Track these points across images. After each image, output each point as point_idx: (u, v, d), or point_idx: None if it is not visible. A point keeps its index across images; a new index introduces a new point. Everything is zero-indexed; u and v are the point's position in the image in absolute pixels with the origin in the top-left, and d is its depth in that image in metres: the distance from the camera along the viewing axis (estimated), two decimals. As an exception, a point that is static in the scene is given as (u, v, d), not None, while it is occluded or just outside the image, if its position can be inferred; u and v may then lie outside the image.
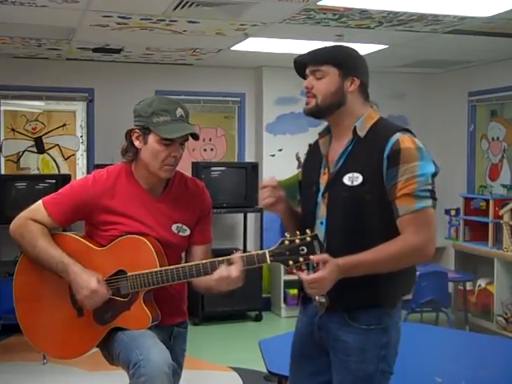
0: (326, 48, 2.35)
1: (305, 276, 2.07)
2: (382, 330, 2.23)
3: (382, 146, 2.17)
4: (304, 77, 2.34)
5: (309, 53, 2.33)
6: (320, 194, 2.30)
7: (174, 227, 2.56)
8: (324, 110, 2.28)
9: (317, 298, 2.27)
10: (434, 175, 2.17)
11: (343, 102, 2.27)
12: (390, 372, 2.27)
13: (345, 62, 2.28)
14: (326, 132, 2.39)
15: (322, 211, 2.29)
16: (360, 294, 2.16)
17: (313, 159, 2.42)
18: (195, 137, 2.49)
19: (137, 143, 2.50)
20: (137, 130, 2.49)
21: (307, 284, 2.07)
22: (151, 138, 2.45)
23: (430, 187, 2.15)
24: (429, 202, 2.14)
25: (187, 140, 2.51)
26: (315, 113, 2.30)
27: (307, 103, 2.30)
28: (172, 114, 2.44)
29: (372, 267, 2.11)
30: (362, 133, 2.25)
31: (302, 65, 2.34)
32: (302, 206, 2.44)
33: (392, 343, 2.26)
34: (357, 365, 2.21)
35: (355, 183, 2.19)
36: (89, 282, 2.40)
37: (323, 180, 2.31)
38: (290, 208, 2.43)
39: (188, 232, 2.59)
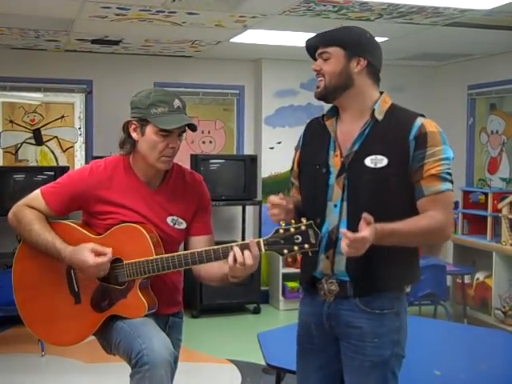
0: (333, 30, 2.33)
1: (349, 234, 2.00)
2: (394, 314, 2.24)
3: (407, 128, 2.19)
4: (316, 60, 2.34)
5: (317, 35, 2.33)
6: (332, 176, 2.27)
7: (169, 219, 2.56)
8: (332, 92, 2.27)
9: (325, 285, 2.25)
10: (452, 159, 2.23)
11: (350, 84, 2.26)
12: (403, 356, 2.29)
13: (350, 42, 2.27)
14: (333, 113, 2.36)
15: (335, 194, 2.26)
16: (370, 280, 2.15)
17: (317, 140, 2.38)
18: (193, 128, 2.49)
19: (134, 135, 2.50)
20: (134, 122, 2.49)
21: (350, 242, 2.00)
22: (149, 130, 2.46)
23: (451, 171, 2.20)
24: (450, 185, 2.20)
25: (185, 131, 2.52)
26: (324, 95, 2.29)
27: (317, 87, 2.30)
28: (170, 105, 2.45)
29: (404, 238, 2.13)
30: (380, 116, 2.25)
31: (313, 48, 2.33)
32: (306, 188, 2.40)
33: (404, 327, 2.28)
34: (373, 350, 2.21)
35: (379, 165, 2.19)
36: (84, 262, 2.42)
37: (334, 162, 2.28)
38: (295, 210, 2.36)
39: (184, 225, 2.59)
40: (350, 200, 2.23)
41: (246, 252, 2.26)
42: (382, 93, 2.33)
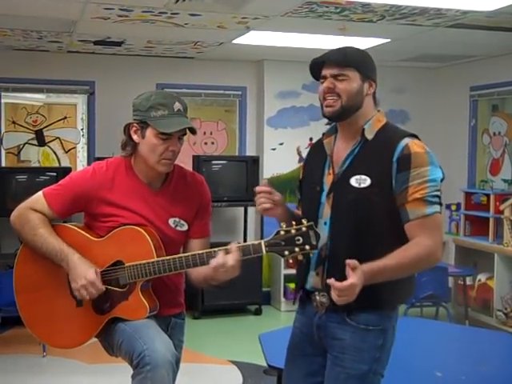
0: (345, 51, 2.28)
1: (337, 284, 2.02)
2: (380, 331, 2.24)
3: (391, 149, 2.18)
4: (317, 78, 2.31)
5: (330, 55, 2.27)
6: (324, 194, 2.30)
7: (171, 221, 2.56)
8: (348, 112, 2.25)
9: (318, 298, 2.26)
10: (441, 180, 2.20)
11: (361, 105, 2.26)
12: (382, 374, 2.28)
13: (365, 65, 2.27)
14: (332, 132, 2.38)
15: (325, 211, 2.28)
16: (361, 296, 2.11)
17: (316, 158, 2.40)
18: (193, 131, 2.49)
19: (135, 137, 2.51)
20: (135, 124, 2.49)
21: (339, 292, 2.03)
22: (149, 132, 2.46)
23: (438, 193, 2.18)
24: (438, 208, 2.17)
25: (185, 134, 2.51)
26: (340, 115, 2.25)
27: (330, 105, 2.24)
28: (169, 108, 2.45)
29: (393, 273, 2.12)
30: (370, 135, 2.25)
31: (318, 66, 2.29)
32: (303, 205, 2.44)
33: (387, 346, 2.27)
34: (351, 363, 2.22)
35: (363, 185, 2.19)
36: (86, 273, 2.42)
37: (328, 180, 2.30)
38: (287, 211, 2.40)
39: (186, 227, 2.59)
40: (334, 218, 2.25)
41: (229, 256, 2.28)
42: (379, 111, 2.33)
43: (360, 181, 2.20)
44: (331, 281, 2.04)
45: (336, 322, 2.25)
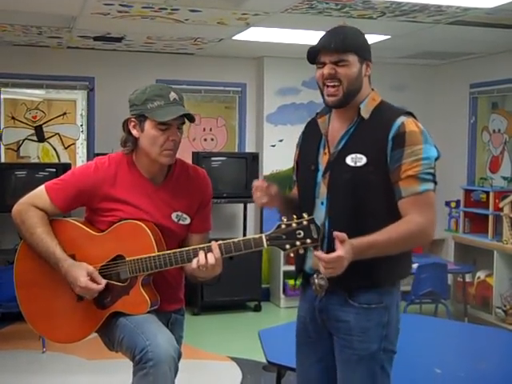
0: (343, 35, 2.25)
1: (323, 255, 2.03)
2: (383, 308, 2.24)
3: (387, 128, 2.19)
4: (314, 63, 2.29)
5: (328, 41, 2.24)
6: (320, 173, 2.31)
7: (173, 215, 2.57)
8: (350, 98, 2.24)
9: (316, 280, 2.26)
10: (436, 159, 2.21)
11: (360, 88, 2.26)
12: (393, 351, 2.28)
13: (362, 47, 2.27)
14: (326, 111, 2.38)
15: (322, 191, 2.29)
16: (360, 276, 2.15)
17: (311, 137, 2.41)
18: (191, 119, 2.49)
19: (134, 132, 2.51)
20: (133, 119, 2.50)
21: (325, 264, 2.03)
22: (147, 125, 2.47)
23: (432, 171, 2.18)
24: (431, 185, 2.18)
25: (184, 123, 2.51)
26: (343, 103, 2.25)
27: (333, 94, 2.23)
28: (165, 98, 2.45)
29: (384, 248, 2.12)
30: (366, 115, 2.25)
31: (316, 52, 2.27)
32: (300, 185, 2.44)
33: (393, 323, 2.27)
34: (360, 344, 2.22)
35: (358, 164, 2.20)
36: (77, 279, 2.42)
37: (323, 160, 2.31)
38: (286, 199, 2.42)
39: (188, 221, 2.60)
40: (331, 198, 2.26)
41: (209, 254, 2.33)
42: (372, 90, 2.33)
43: (356, 159, 2.21)
44: (318, 253, 2.06)
45: (338, 304, 2.26)
